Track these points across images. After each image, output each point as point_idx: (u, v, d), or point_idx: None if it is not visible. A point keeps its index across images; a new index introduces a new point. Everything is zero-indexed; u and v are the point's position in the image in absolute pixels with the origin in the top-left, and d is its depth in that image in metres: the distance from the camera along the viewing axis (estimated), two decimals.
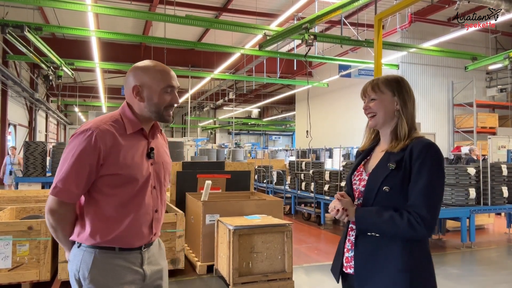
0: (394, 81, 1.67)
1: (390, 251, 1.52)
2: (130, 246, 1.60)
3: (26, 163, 9.69)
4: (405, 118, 1.62)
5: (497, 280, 4.70)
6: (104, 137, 1.53)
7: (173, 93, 1.66)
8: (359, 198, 1.67)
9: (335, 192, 7.54)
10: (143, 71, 1.63)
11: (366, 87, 1.70)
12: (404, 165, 1.54)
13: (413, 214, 1.48)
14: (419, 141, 1.57)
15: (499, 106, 15.38)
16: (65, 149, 1.56)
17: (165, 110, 1.64)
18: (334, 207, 1.64)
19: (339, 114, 17.94)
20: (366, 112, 1.69)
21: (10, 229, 3.87)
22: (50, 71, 12.61)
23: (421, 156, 1.52)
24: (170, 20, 9.27)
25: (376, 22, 8.22)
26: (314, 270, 5.04)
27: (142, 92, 1.62)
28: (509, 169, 6.60)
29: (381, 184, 1.56)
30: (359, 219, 1.57)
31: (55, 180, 1.52)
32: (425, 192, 1.49)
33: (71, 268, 1.58)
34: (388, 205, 1.54)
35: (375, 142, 1.77)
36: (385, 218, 1.51)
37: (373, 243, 1.56)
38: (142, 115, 1.64)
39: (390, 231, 1.51)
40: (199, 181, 5.61)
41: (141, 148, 1.64)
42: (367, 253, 1.57)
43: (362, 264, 1.58)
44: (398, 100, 1.64)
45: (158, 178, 1.69)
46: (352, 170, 1.77)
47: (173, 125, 32.71)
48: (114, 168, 1.54)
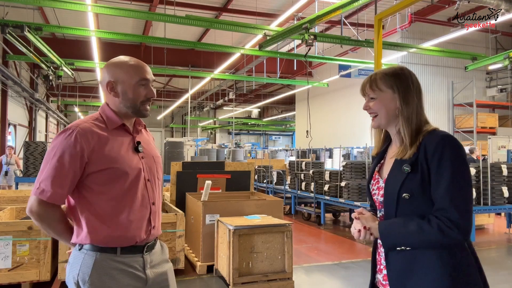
0: (393, 75, 1.49)
1: (426, 264, 1.34)
2: (131, 243, 1.58)
3: (26, 163, 9.68)
4: (407, 117, 1.45)
5: (497, 280, 4.70)
6: (86, 134, 1.53)
7: (148, 87, 1.65)
8: (380, 210, 1.50)
9: (335, 192, 7.55)
10: (116, 66, 1.63)
11: (364, 85, 1.54)
12: (421, 165, 1.37)
13: (441, 219, 1.30)
14: (433, 135, 1.39)
15: (499, 106, 15.38)
16: (47, 150, 1.56)
17: (142, 104, 1.64)
18: (354, 228, 1.46)
19: (339, 114, 17.94)
20: (368, 112, 1.54)
21: (10, 229, 3.87)
22: (50, 71, 12.60)
23: (438, 152, 1.34)
24: (170, 20, 9.26)
25: (376, 22, 8.22)
26: (314, 270, 5.04)
27: (116, 87, 1.62)
28: (509, 169, 6.60)
29: (399, 192, 1.39)
30: (384, 235, 1.39)
31: (38, 180, 1.51)
32: (450, 192, 1.31)
33: (71, 271, 1.56)
34: (412, 214, 1.37)
35: (387, 143, 1.59)
36: (412, 229, 1.34)
37: (405, 258, 1.38)
38: (119, 111, 1.64)
39: (420, 242, 1.34)
40: (199, 181, 5.61)
41: (126, 142, 1.64)
42: (401, 270, 1.39)
43: (398, 284, 1.40)
44: (398, 97, 1.47)
45: (151, 171, 1.69)
46: (369, 178, 1.60)
47: (173, 125, 32.70)
48: (101, 164, 1.53)
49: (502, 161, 9.32)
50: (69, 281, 1.57)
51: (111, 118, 1.63)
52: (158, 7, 11.90)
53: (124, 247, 1.58)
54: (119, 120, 1.64)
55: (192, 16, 9.48)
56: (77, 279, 1.52)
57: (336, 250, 6.11)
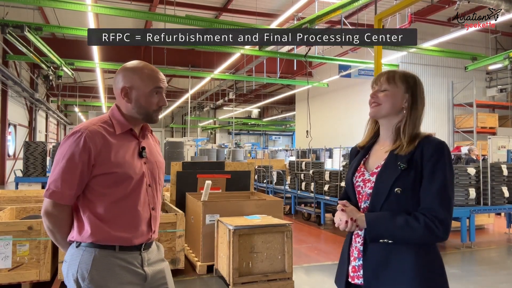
0: (412, 78, 1.58)
1: (403, 258, 1.42)
2: (130, 243, 1.60)
3: (26, 163, 9.69)
4: (413, 118, 1.54)
5: (497, 280, 4.70)
6: (94, 137, 1.55)
7: (161, 95, 1.67)
8: (365, 201, 1.55)
9: (335, 192, 7.55)
10: (132, 72, 1.65)
11: (381, 76, 1.60)
12: (415, 165, 1.45)
13: (429, 217, 1.39)
14: (431, 140, 1.49)
15: (499, 106, 15.39)
16: (57, 152, 1.58)
17: (154, 112, 1.67)
18: (340, 220, 1.50)
19: (339, 114, 17.94)
20: (372, 100, 1.58)
21: (10, 229, 3.87)
22: (50, 71, 12.61)
23: (435, 155, 1.44)
24: (170, 20, 9.26)
25: (376, 22, 8.22)
26: (314, 270, 5.04)
27: (131, 93, 1.64)
28: (509, 169, 6.60)
29: (392, 186, 1.45)
30: (371, 226, 1.45)
31: (49, 182, 1.54)
32: (441, 193, 1.41)
33: (69, 269, 1.56)
34: (398, 209, 1.45)
35: (373, 139, 1.67)
36: (399, 223, 1.40)
37: (384, 251, 1.45)
38: (130, 116, 1.66)
39: (406, 237, 1.41)
40: (199, 181, 5.61)
41: (132, 147, 1.65)
42: (378, 262, 1.46)
43: (373, 274, 1.46)
44: (408, 98, 1.55)
45: (153, 177, 1.71)
46: (353, 170, 1.64)
47: (173, 125, 32.72)
48: (106, 167, 1.55)
49: (502, 161, 9.32)
50: (68, 279, 1.57)
51: (121, 122, 1.65)
52: (158, 7, 11.91)
53: (123, 245, 1.59)
54: (128, 125, 1.66)
55: (192, 16, 9.48)
56: (77, 276, 1.53)
57: (336, 250, 6.11)
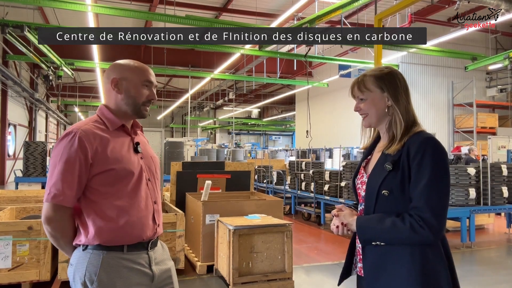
0: (380, 76, 1.52)
1: (397, 260, 1.40)
2: (139, 239, 1.59)
3: (26, 163, 9.69)
4: (401, 112, 1.49)
5: (497, 280, 4.70)
6: (88, 136, 1.54)
7: (151, 89, 1.70)
8: (361, 204, 1.55)
9: (335, 192, 7.55)
10: (122, 65, 1.68)
11: (353, 86, 1.57)
12: (402, 165, 1.41)
13: (415, 217, 1.35)
14: (417, 136, 1.44)
15: (499, 106, 15.38)
16: (52, 154, 1.56)
17: (142, 104, 1.68)
18: (333, 224, 1.53)
19: (339, 114, 17.93)
20: (358, 112, 1.59)
21: (10, 229, 3.87)
22: (50, 71, 12.61)
23: (419, 153, 1.38)
24: (170, 20, 9.26)
25: (376, 22, 8.22)
26: (314, 270, 5.04)
27: (121, 84, 1.65)
28: (509, 169, 6.60)
29: (379, 188, 1.44)
30: (360, 230, 1.45)
31: (48, 186, 1.52)
32: (426, 192, 1.35)
33: (76, 272, 1.54)
34: (390, 211, 1.42)
35: (377, 139, 1.65)
36: (386, 225, 1.39)
37: (379, 253, 1.44)
38: (119, 109, 1.67)
39: (394, 239, 1.39)
40: (199, 181, 5.61)
41: (126, 143, 1.66)
42: (374, 264, 1.46)
43: (372, 277, 1.47)
44: (388, 96, 1.50)
45: (151, 171, 1.72)
46: (356, 172, 1.64)
47: (173, 125, 32.71)
48: (105, 164, 1.55)
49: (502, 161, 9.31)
50: (75, 283, 1.54)
51: (111, 120, 1.66)
52: (158, 7, 11.91)
53: (130, 245, 1.58)
54: (118, 121, 1.66)
55: (192, 16, 9.47)
56: (84, 279, 1.51)
57: (336, 250, 6.11)
